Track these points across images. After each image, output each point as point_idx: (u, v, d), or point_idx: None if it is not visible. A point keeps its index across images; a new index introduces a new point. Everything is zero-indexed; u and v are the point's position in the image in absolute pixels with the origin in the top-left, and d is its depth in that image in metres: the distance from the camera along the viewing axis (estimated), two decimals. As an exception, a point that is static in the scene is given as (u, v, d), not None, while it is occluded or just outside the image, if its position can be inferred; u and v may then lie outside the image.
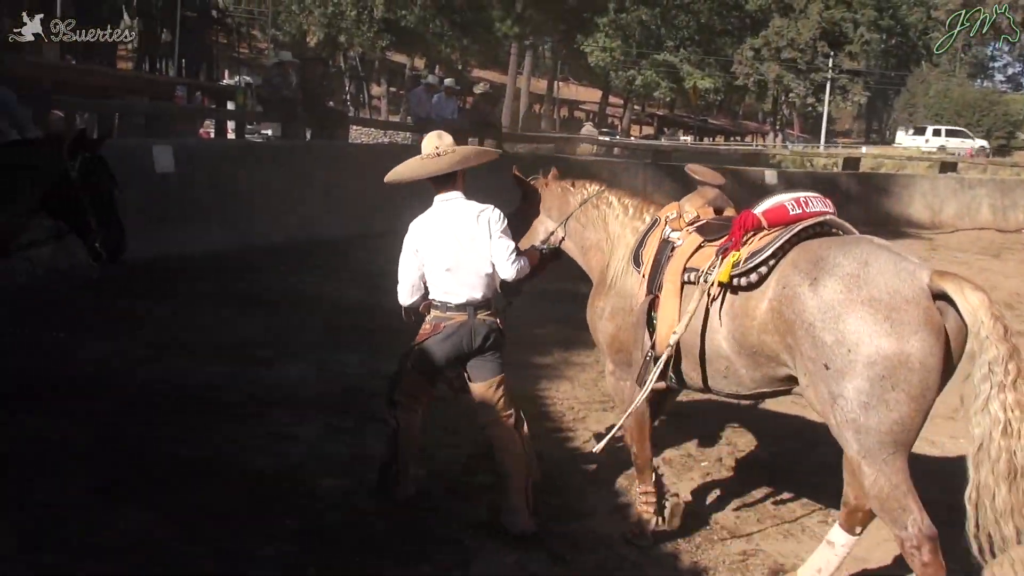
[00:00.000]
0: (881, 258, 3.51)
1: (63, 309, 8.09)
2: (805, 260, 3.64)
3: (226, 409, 6.12)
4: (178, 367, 6.94)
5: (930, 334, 3.35)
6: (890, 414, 3.36)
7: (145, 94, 13.91)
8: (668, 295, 4.09)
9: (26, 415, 5.68)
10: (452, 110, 16.25)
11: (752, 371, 3.84)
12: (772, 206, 3.89)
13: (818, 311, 3.49)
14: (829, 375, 3.44)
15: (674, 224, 4.32)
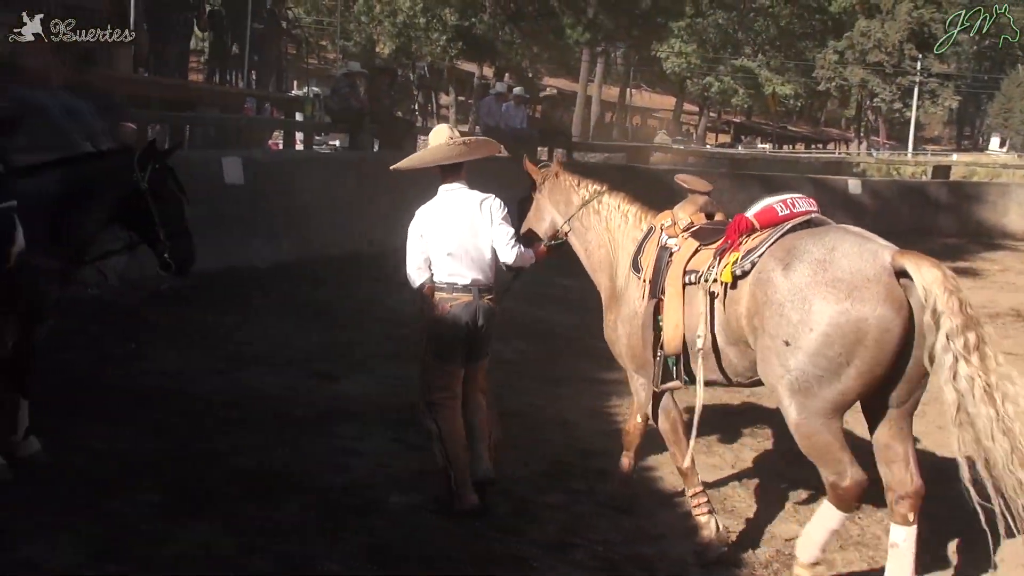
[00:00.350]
0: (847, 242, 3.90)
1: (133, 320, 8.32)
2: (781, 249, 4.03)
3: (292, 422, 6.23)
4: (245, 379, 7.08)
5: (890, 309, 3.70)
6: (838, 386, 3.76)
7: (215, 106, 14.24)
8: (671, 298, 4.44)
9: (97, 425, 5.86)
10: (521, 119, 16.30)
11: (741, 359, 4.23)
12: (762, 208, 4.29)
13: (788, 292, 3.88)
14: (788, 351, 3.84)
15: (670, 231, 4.69)
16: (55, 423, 5.78)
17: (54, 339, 7.05)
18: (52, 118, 9.00)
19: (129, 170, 5.21)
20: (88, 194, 5.13)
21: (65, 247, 5.04)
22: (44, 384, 6.29)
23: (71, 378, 6.67)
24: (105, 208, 5.19)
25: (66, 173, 5.18)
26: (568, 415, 6.79)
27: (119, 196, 5.20)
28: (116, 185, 5.19)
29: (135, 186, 5.19)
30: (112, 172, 5.24)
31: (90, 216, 5.14)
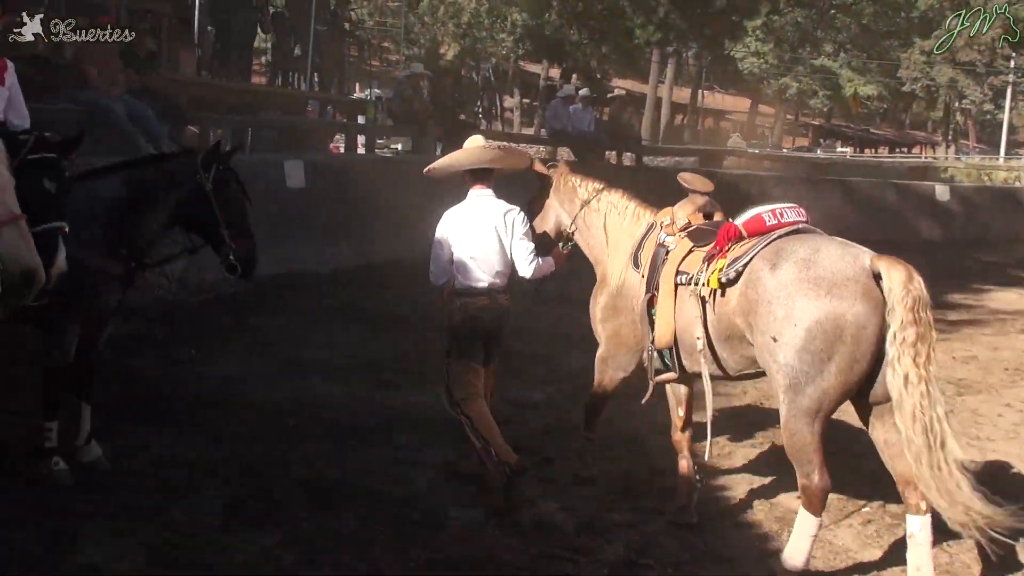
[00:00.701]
0: (830, 246, 4.33)
1: (194, 325, 8.52)
2: (770, 251, 4.42)
3: (353, 432, 6.30)
4: (307, 387, 7.19)
5: (866, 306, 4.10)
6: (822, 383, 4.15)
7: (277, 108, 14.50)
8: (664, 295, 4.86)
9: (159, 431, 6.00)
10: (589, 121, 16.30)
11: (731, 354, 4.64)
12: (751, 217, 4.66)
13: (774, 290, 4.27)
14: (777, 347, 4.22)
15: (668, 230, 5.08)
16: (117, 429, 5.94)
17: (116, 344, 7.29)
18: (117, 122, 9.31)
19: (193, 172, 5.33)
20: (151, 196, 5.26)
21: (128, 250, 5.17)
22: (106, 389, 6.49)
23: (133, 383, 6.84)
24: (168, 210, 5.31)
25: (129, 176, 5.32)
26: (637, 430, 6.73)
27: (183, 198, 5.31)
28: (180, 187, 5.31)
29: (199, 187, 5.30)
30: (176, 174, 5.36)
31: (153, 218, 5.27)
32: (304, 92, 16.14)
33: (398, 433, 6.35)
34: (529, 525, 5.14)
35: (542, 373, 7.94)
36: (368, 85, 23.18)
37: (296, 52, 16.65)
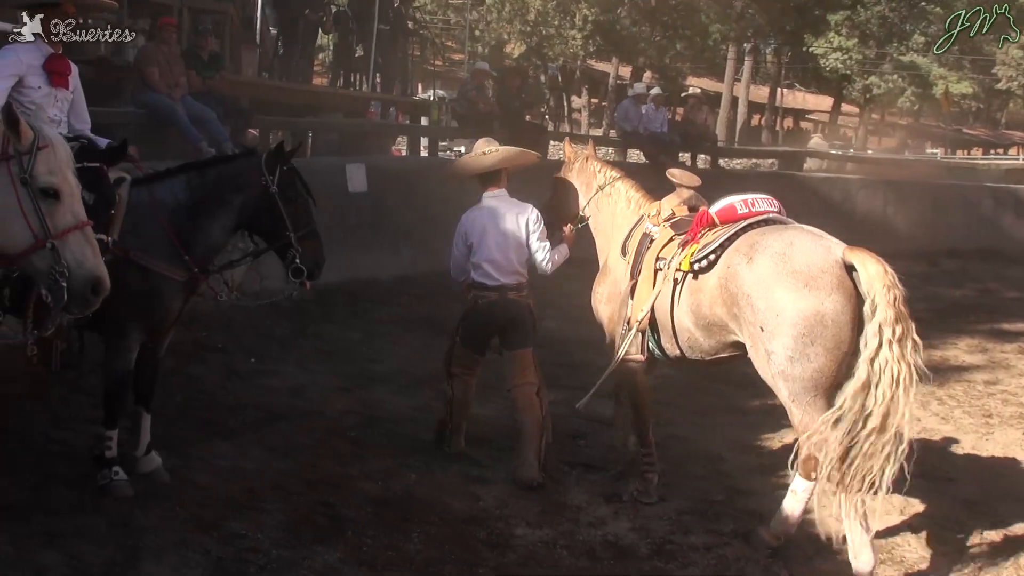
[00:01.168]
0: (804, 239, 4.78)
1: (255, 333, 8.65)
2: (745, 244, 4.88)
3: (421, 446, 6.35)
4: (370, 399, 7.26)
5: (841, 296, 4.57)
6: (810, 365, 4.59)
7: (339, 110, 14.68)
8: (643, 280, 5.43)
9: (221, 443, 6.11)
10: (662, 122, 16.17)
11: (708, 339, 5.14)
12: (724, 206, 5.17)
13: (754, 283, 4.73)
14: (764, 336, 4.70)
15: (653, 220, 5.64)
16: (178, 439, 6.06)
17: (177, 352, 7.44)
18: (179, 125, 9.52)
19: (257, 173, 5.39)
20: (215, 200, 5.32)
21: (191, 256, 5.25)
22: (167, 399, 6.62)
23: (194, 393, 6.98)
24: (233, 213, 5.38)
25: (191, 179, 5.40)
26: (714, 448, 6.66)
27: (248, 200, 5.37)
28: (244, 189, 5.37)
29: (265, 189, 5.36)
30: (239, 176, 5.41)
31: (217, 223, 5.34)
32: (366, 93, 16.32)
33: (467, 447, 6.37)
34: (600, 546, 5.12)
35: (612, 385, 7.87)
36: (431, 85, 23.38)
37: (358, 52, 16.84)
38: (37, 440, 5.79)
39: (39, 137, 3.73)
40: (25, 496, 5.04)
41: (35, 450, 5.66)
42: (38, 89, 5.39)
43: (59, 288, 3.66)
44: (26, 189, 3.67)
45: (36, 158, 3.70)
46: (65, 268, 3.66)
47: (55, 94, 5.47)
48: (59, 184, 3.72)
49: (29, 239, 3.67)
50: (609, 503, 5.64)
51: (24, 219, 3.66)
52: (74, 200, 3.78)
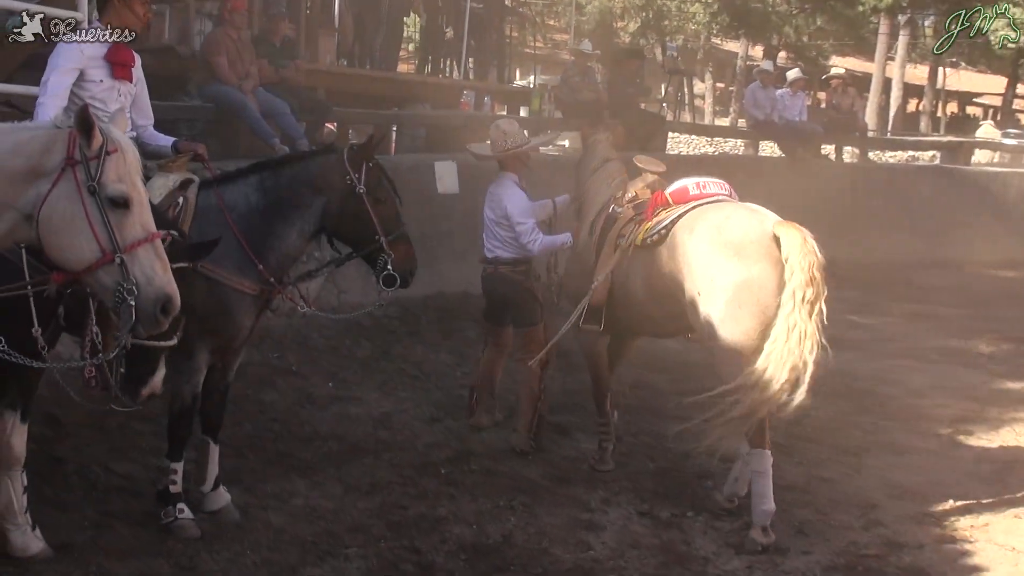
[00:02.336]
0: (740, 213, 5.89)
1: (333, 354, 8.81)
2: (690, 219, 5.98)
3: (523, 485, 6.38)
4: (464, 430, 7.32)
5: (768, 264, 5.60)
6: (738, 327, 5.60)
7: (427, 101, 14.83)
8: (604, 256, 6.52)
9: (297, 478, 6.23)
10: (800, 109, 15.96)
11: (659, 309, 6.20)
12: (678, 188, 6.26)
13: (693, 253, 5.81)
14: (701, 300, 5.74)
15: (618, 202, 6.71)
16: (249, 473, 6.19)
17: (248, 376, 7.61)
18: (250, 119, 9.74)
19: (340, 171, 5.48)
20: (293, 202, 5.42)
21: (265, 266, 5.35)
22: (236, 428, 6.78)
23: (267, 421, 7.13)
24: (313, 218, 5.47)
25: (265, 179, 5.50)
26: (867, 493, 6.51)
27: (331, 202, 5.47)
28: (326, 190, 5.47)
29: (350, 189, 5.46)
30: (320, 175, 5.51)
31: (295, 228, 5.43)
32: (457, 81, 16.47)
33: (574, 487, 6.38)
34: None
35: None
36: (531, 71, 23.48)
37: (448, 34, 17.00)
38: (95, 473, 5.98)
39: (108, 141, 3.82)
40: (82, 535, 5.20)
41: (93, 484, 5.85)
42: (100, 83, 5.59)
43: (127, 307, 3.74)
44: (94, 198, 3.75)
45: (105, 164, 3.78)
46: (134, 285, 3.73)
47: (118, 87, 5.67)
48: (129, 192, 3.80)
49: (96, 253, 3.75)
50: (741, 555, 5.56)
51: (91, 231, 3.74)
52: (143, 210, 3.86)
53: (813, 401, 8.10)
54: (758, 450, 5.74)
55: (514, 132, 7.32)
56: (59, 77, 5.50)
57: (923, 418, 8.01)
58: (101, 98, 5.56)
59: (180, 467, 5.42)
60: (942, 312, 12.34)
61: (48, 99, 5.48)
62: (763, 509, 5.69)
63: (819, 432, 7.54)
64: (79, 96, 5.50)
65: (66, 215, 3.75)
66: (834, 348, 9.78)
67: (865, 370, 9.39)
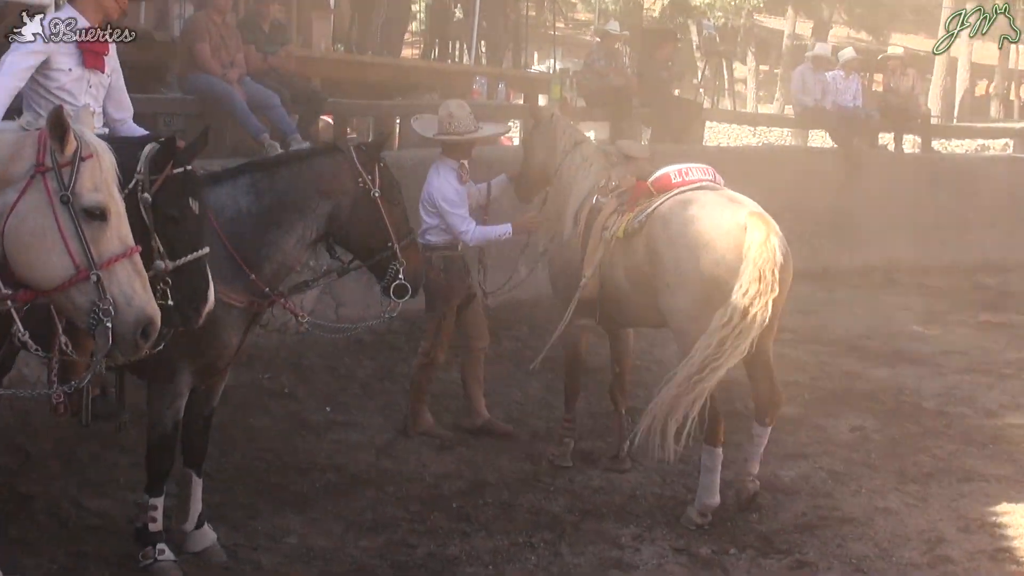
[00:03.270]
0: (714, 203, 6.33)
1: (330, 374, 8.83)
2: (667, 207, 6.42)
3: (546, 521, 6.38)
4: (478, 459, 7.34)
5: (737, 257, 6.00)
6: (704, 321, 6.00)
7: (435, 89, 14.84)
8: (591, 249, 6.86)
9: (291, 514, 6.23)
10: (854, 93, 15.91)
11: (641, 299, 6.58)
12: (659, 175, 6.65)
13: (666, 242, 6.28)
14: (669, 291, 6.27)
15: (602, 191, 7.01)
16: (237, 509, 6.20)
17: (235, 399, 7.62)
18: (236, 112, 9.77)
19: (351, 173, 5.53)
20: (293, 206, 5.45)
21: (259, 276, 5.36)
22: (223, 458, 6.79)
23: (257, 451, 7.14)
24: (317, 223, 5.50)
25: (258, 181, 5.52)
26: (933, 527, 6.47)
27: (340, 207, 5.52)
28: (335, 193, 5.51)
29: (364, 193, 5.52)
30: (327, 176, 5.54)
31: (293, 235, 5.45)
32: (468, 67, 16.49)
33: (604, 522, 6.37)
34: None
35: (797, 442, 7.77)
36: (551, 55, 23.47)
37: (457, 15, 17.03)
38: (66, 509, 6.00)
39: (82, 145, 3.81)
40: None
41: (63, 522, 5.87)
42: (68, 72, 5.58)
43: (103, 329, 3.73)
44: (67, 209, 3.74)
45: (79, 171, 3.78)
46: (111, 305, 3.73)
47: (88, 78, 5.66)
48: (105, 203, 3.80)
49: (69, 270, 3.74)
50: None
51: (64, 245, 3.73)
52: (121, 222, 3.86)
53: (872, 423, 8.18)
54: (709, 447, 6.30)
55: (462, 117, 7.66)
56: (18, 57, 5.46)
57: (998, 441, 7.95)
58: (69, 89, 5.56)
59: (160, 503, 5.42)
60: (1018, 321, 12.26)
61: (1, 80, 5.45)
62: (706, 502, 6.32)
63: (880, 457, 7.52)
64: (44, 87, 5.49)
65: (36, 228, 3.75)
66: (896, 362, 9.93)
67: (932, 387, 9.37)
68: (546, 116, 7.76)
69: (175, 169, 4.67)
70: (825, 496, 6.80)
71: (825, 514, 6.53)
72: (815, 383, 9.14)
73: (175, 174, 4.67)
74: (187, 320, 4.66)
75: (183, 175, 4.71)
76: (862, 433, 8.07)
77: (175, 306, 4.58)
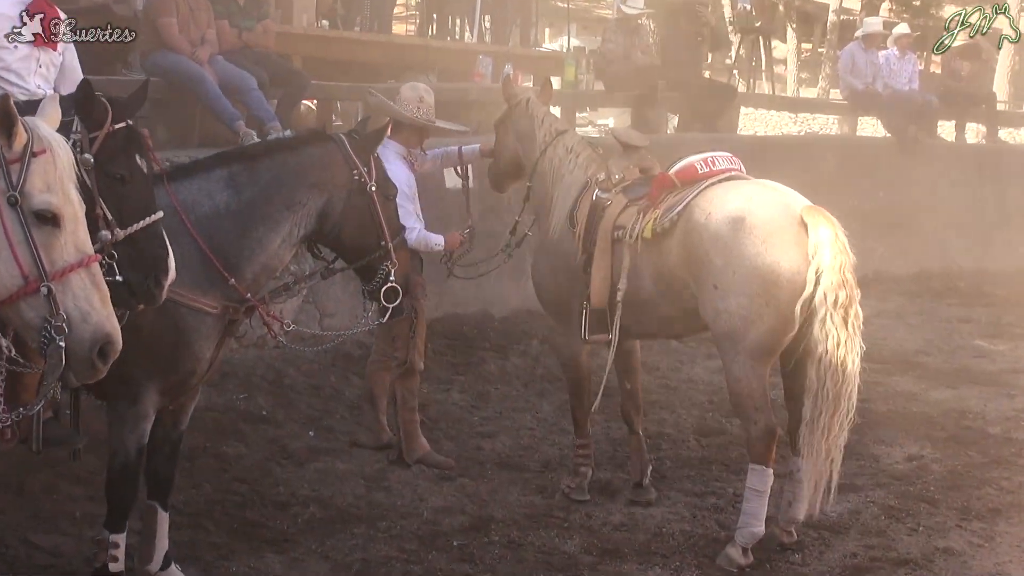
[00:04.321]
0: (763, 194, 6.42)
1: (314, 395, 8.88)
2: (704, 201, 6.42)
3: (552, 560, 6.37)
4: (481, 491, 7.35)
5: (798, 254, 6.11)
6: (762, 326, 6.15)
7: (432, 70, 14.84)
8: (601, 252, 6.82)
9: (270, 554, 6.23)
10: (910, 75, 15.94)
11: (671, 307, 6.69)
12: (683, 166, 6.68)
13: (711, 240, 6.28)
14: (717, 294, 6.27)
15: (603, 185, 7.01)
16: (208, 547, 6.21)
17: (205, 423, 7.63)
18: (207, 96, 9.78)
19: (345, 165, 5.58)
20: (279, 202, 5.48)
21: (238, 280, 5.37)
22: (193, 490, 6.80)
23: (231, 481, 7.15)
24: (306, 221, 5.54)
25: (236, 174, 5.53)
26: (1005, 569, 6.48)
27: (332, 202, 5.56)
28: (327, 187, 5.55)
29: (360, 187, 5.57)
30: (317, 168, 5.58)
31: (280, 233, 5.48)
32: (470, 44, 16.50)
33: (621, 563, 6.38)
34: None
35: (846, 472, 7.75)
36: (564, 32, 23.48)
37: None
38: (12, 547, 6.01)
39: (33, 139, 3.78)
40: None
41: (11, 562, 5.87)
42: (14, 50, 5.60)
43: (55, 348, 3.70)
44: (14, 211, 3.72)
45: (29, 169, 3.75)
46: (64, 322, 3.70)
47: (38, 56, 5.69)
48: (58, 205, 3.77)
49: (17, 280, 3.73)
50: None
51: (11, 252, 3.71)
52: (78, 227, 3.83)
53: (931, 451, 8.18)
54: (759, 467, 6.30)
55: (430, 105, 7.86)
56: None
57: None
58: (16, 70, 5.58)
59: (122, 540, 5.42)
60: (1098, 336, 12.28)
61: None
62: (751, 531, 6.30)
63: (940, 491, 7.52)
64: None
65: None
66: (958, 382, 9.92)
67: (998, 410, 9.41)
68: (521, 100, 7.68)
69: (115, 124, 4.68)
70: (878, 534, 6.80)
71: (878, 555, 6.53)
72: (866, 406, 9.01)
73: (116, 129, 4.69)
74: (147, 297, 4.66)
75: (126, 130, 4.73)
76: (920, 463, 8.08)
77: (130, 282, 4.58)
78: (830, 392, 6.09)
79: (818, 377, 6.09)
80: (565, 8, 22.56)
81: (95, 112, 4.64)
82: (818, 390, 6.10)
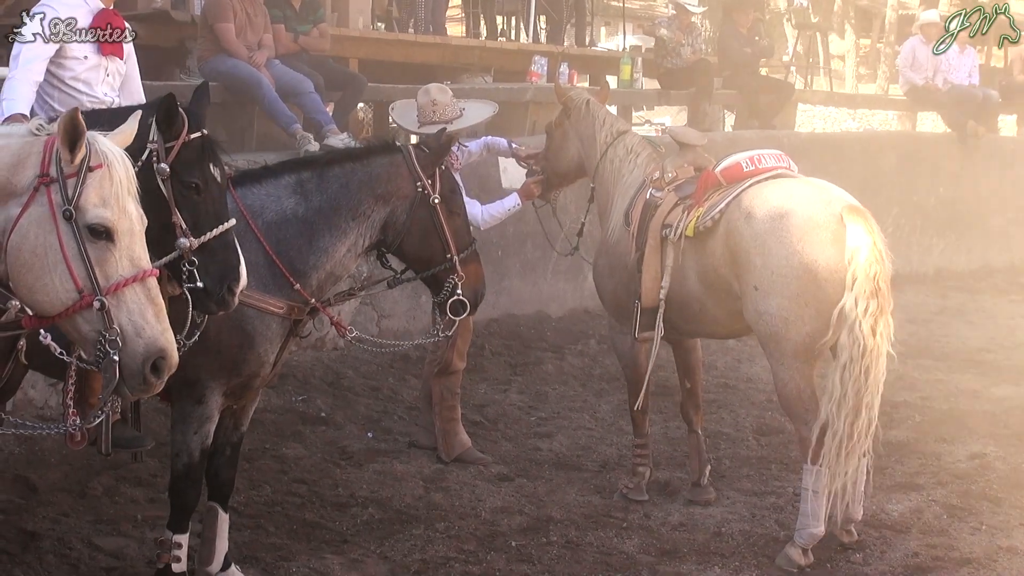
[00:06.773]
0: (803, 191, 6.42)
1: (373, 398, 8.95)
2: (746, 199, 6.42)
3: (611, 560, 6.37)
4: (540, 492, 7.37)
5: (837, 252, 6.08)
6: (803, 327, 6.17)
7: (486, 71, 14.85)
8: (651, 250, 6.84)
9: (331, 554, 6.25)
10: (970, 69, 15.79)
11: (717, 307, 6.72)
12: (729, 164, 6.68)
13: (751, 239, 6.27)
14: (758, 295, 6.26)
15: (656, 184, 7.02)
16: (269, 549, 6.26)
17: (265, 425, 7.69)
18: (264, 100, 9.85)
19: (409, 176, 5.62)
20: (347, 211, 5.54)
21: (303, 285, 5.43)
22: (253, 491, 6.86)
23: (290, 483, 7.21)
24: (371, 231, 5.60)
25: (305, 181, 5.59)
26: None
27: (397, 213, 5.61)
28: (391, 198, 5.60)
29: (423, 199, 5.60)
30: (385, 180, 5.63)
31: (346, 242, 5.54)
32: (525, 45, 16.50)
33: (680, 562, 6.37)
34: None
35: (906, 471, 7.73)
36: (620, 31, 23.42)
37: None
38: (77, 549, 6.08)
39: (91, 153, 3.79)
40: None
41: (74, 564, 5.95)
42: (84, 60, 5.68)
43: (110, 362, 3.72)
44: (69, 226, 3.73)
45: (85, 183, 3.76)
46: (117, 336, 3.72)
47: (106, 65, 5.76)
48: (112, 220, 3.78)
49: (72, 294, 3.74)
50: None
51: (67, 266, 3.73)
52: (134, 241, 3.84)
53: (994, 449, 8.11)
54: (812, 467, 6.23)
55: (446, 103, 7.72)
56: (34, 48, 5.58)
57: None
58: (86, 79, 5.66)
59: (185, 540, 5.48)
60: None
61: (20, 73, 5.55)
62: (810, 532, 6.25)
63: (1004, 489, 7.43)
64: (58, 77, 5.60)
65: (37, 246, 3.75)
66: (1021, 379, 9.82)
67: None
68: (579, 102, 7.64)
69: (191, 135, 4.74)
70: (940, 533, 6.74)
71: (940, 554, 6.47)
72: (927, 403, 9.06)
73: (192, 139, 4.74)
74: (222, 303, 4.72)
75: (201, 139, 4.78)
76: (982, 461, 8.00)
77: (205, 290, 4.66)
78: (851, 400, 6.05)
79: (841, 383, 6.05)
80: (620, 6, 22.50)
81: (173, 123, 4.70)
82: (840, 396, 6.05)
